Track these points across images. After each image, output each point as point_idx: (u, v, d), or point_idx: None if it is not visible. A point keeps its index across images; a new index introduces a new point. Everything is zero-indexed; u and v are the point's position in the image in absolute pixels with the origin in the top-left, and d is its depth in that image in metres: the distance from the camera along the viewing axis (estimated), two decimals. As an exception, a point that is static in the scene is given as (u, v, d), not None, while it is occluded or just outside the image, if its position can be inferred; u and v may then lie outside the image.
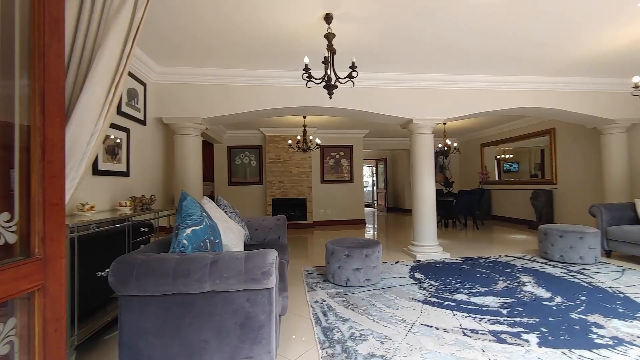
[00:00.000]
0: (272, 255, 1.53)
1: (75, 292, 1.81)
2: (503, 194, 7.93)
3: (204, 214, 1.90)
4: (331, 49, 2.82)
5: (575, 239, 3.74)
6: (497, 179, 8.23)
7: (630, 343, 1.94)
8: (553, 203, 6.40)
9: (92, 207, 2.42)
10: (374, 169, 13.34)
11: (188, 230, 1.71)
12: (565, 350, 1.87)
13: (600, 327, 2.17)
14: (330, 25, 2.81)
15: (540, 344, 1.96)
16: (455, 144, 7.06)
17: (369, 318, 2.39)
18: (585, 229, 3.80)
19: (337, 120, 6.78)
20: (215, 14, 2.72)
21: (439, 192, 7.41)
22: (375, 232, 7.08)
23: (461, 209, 6.98)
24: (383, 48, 3.45)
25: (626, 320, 2.25)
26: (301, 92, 4.08)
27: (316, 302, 2.74)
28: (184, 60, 3.66)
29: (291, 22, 2.87)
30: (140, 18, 1.35)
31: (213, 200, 2.86)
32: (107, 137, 2.93)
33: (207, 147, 7.35)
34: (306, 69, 2.79)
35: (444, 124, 6.93)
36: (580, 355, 1.82)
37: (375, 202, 13.07)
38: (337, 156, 8.24)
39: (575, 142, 5.95)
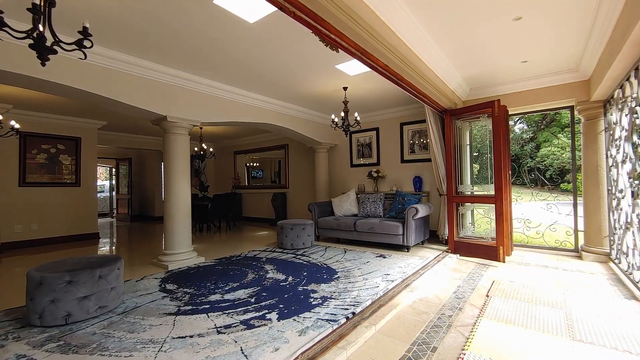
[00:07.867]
0: None
1: None
2: (251, 197, 9.01)
3: None
4: (47, -4, 2.00)
5: (300, 230, 4.85)
6: (247, 183, 9.26)
7: (331, 298, 2.73)
8: (287, 203, 8.03)
9: None
10: (114, 170, 11.03)
11: None
12: (296, 317, 2.34)
13: (315, 292, 2.90)
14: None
15: (279, 318, 2.32)
16: (211, 149, 7.22)
17: (102, 355, 1.87)
18: (306, 222, 5.02)
19: (56, 101, 5.00)
20: None
21: (194, 197, 7.24)
22: (115, 247, 5.82)
23: (216, 212, 7.20)
24: (141, 29, 2.91)
25: (328, 283, 3.15)
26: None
27: (5, 363, 1.80)
28: None
29: None
30: None
31: None
32: None
33: None
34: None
35: (201, 127, 6.94)
36: (304, 317, 2.33)
37: (115, 211, 10.83)
38: (54, 150, 6.06)
39: (301, 156, 7.81)
